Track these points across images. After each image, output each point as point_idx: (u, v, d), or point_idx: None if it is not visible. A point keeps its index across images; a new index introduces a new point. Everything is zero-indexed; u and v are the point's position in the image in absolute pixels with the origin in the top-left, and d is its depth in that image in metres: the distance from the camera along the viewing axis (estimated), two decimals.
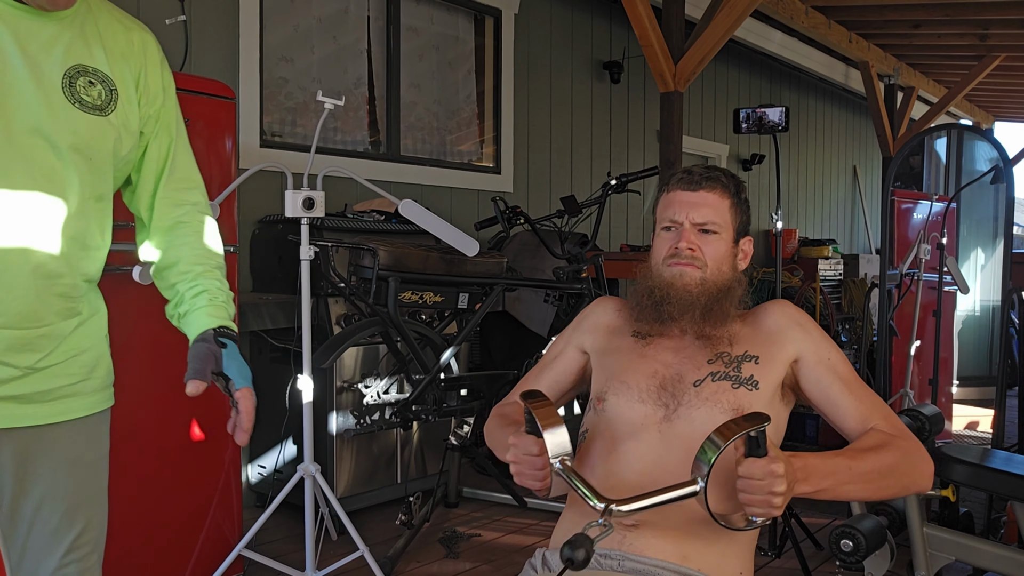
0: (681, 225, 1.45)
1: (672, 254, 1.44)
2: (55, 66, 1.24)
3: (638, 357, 1.45)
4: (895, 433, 1.34)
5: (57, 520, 1.32)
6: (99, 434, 1.41)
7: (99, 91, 1.28)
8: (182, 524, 2.59)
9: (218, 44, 3.51)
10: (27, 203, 1.21)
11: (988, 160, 4.89)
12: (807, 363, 1.42)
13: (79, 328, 1.34)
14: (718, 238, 1.45)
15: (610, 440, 1.39)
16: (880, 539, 2.28)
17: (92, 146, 1.28)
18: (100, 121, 1.28)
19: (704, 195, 1.45)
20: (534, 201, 5.14)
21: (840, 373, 1.42)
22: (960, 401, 5.70)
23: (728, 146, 6.99)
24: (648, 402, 1.38)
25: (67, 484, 1.33)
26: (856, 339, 5.98)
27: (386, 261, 2.85)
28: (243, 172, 2.59)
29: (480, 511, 3.47)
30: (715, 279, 1.43)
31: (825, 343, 1.45)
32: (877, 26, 6.43)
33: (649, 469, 1.33)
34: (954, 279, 3.83)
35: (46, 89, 1.22)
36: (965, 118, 9.66)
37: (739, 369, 1.39)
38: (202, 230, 1.46)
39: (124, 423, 2.46)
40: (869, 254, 7.57)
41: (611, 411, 1.41)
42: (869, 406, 1.39)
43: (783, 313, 1.47)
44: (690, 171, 1.48)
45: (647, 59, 4.10)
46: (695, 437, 1.28)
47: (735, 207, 1.48)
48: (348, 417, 3.19)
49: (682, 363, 1.42)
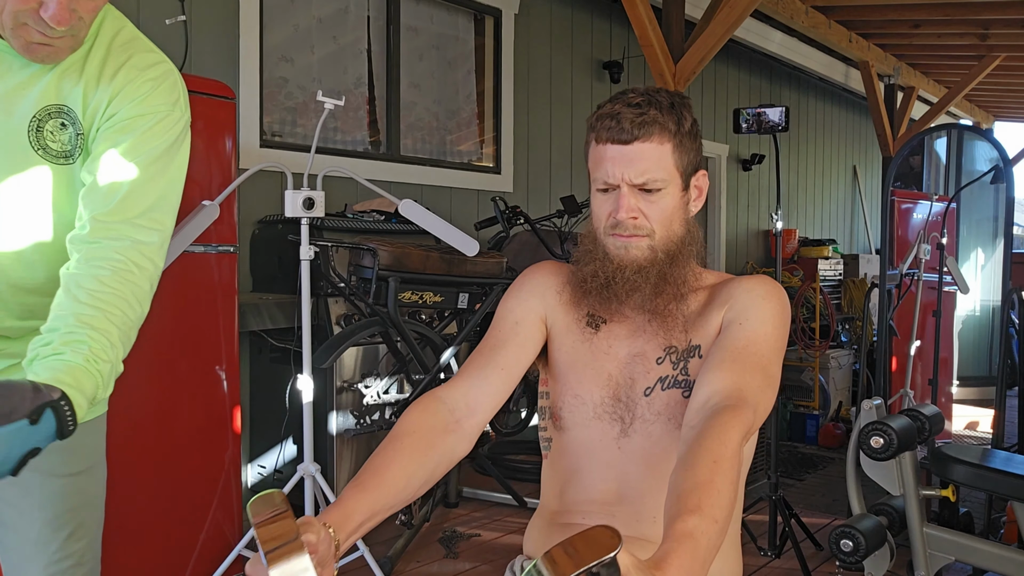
0: (617, 188, 1.23)
1: (613, 224, 1.25)
2: (26, 108, 1.17)
3: (590, 354, 1.31)
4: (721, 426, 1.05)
5: (38, 529, 1.28)
6: (93, 441, 1.36)
7: (69, 136, 1.20)
8: (182, 524, 2.59)
9: (218, 44, 3.51)
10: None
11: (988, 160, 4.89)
12: (723, 324, 1.24)
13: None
14: (663, 194, 1.24)
15: (573, 459, 1.32)
16: (880, 539, 2.28)
17: (56, 193, 1.21)
18: (62, 169, 1.21)
19: (639, 147, 1.21)
20: (534, 201, 5.14)
21: (740, 339, 1.19)
22: (960, 401, 5.70)
23: (728, 146, 6.99)
24: (604, 418, 1.29)
25: (47, 496, 1.29)
26: (856, 339, 5.99)
27: (386, 261, 2.85)
28: (243, 172, 2.59)
29: (480, 511, 3.47)
30: (665, 244, 1.26)
31: (761, 315, 1.22)
32: (877, 26, 6.43)
33: (613, 488, 1.28)
34: (954, 279, 3.83)
35: (11, 133, 1.17)
36: (965, 118, 9.66)
37: (686, 371, 1.26)
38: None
39: (124, 423, 2.46)
40: (869, 254, 7.57)
41: (568, 429, 1.32)
42: (731, 380, 1.13)
43: (746, 288, 1.26)
44: (618, 117, 1.21)
45: (647, 59, 4.10)
46: (656, 451, 1.25)
47: (680, 147, 1.24)
48: (348, 417, 3.19)
49: (634, 362, 1.29)
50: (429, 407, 1.21)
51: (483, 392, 1.25)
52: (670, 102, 1.24)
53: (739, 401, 1.10)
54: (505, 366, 1.28)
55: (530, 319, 1.33)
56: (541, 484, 1.41)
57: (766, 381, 1.17)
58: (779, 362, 1.23)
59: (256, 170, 2.60)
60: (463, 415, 1.23)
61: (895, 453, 2.22)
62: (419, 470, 1.12)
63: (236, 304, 2.70)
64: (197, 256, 2.58)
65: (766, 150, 7.28)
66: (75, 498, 1.33)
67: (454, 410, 1.22)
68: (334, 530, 0.96)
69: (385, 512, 1.06)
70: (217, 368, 2.71)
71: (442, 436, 1.19)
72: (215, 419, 2.67)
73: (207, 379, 2.69)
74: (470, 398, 1.24)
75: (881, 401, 2.35)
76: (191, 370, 2.65)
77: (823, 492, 3.98)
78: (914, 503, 2.36)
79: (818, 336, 5.64)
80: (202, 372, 2.69)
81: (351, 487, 1.05)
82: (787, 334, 1.26)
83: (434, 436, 1.18)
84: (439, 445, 1.18)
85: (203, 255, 2.59)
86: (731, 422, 1.05)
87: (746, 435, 1.07)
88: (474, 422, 1.23)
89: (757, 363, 1.18)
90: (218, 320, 2.68)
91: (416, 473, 1.12)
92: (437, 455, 1.17)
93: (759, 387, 1.15)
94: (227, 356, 2.73)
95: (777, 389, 1.21)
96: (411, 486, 1.11)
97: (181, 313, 2.60)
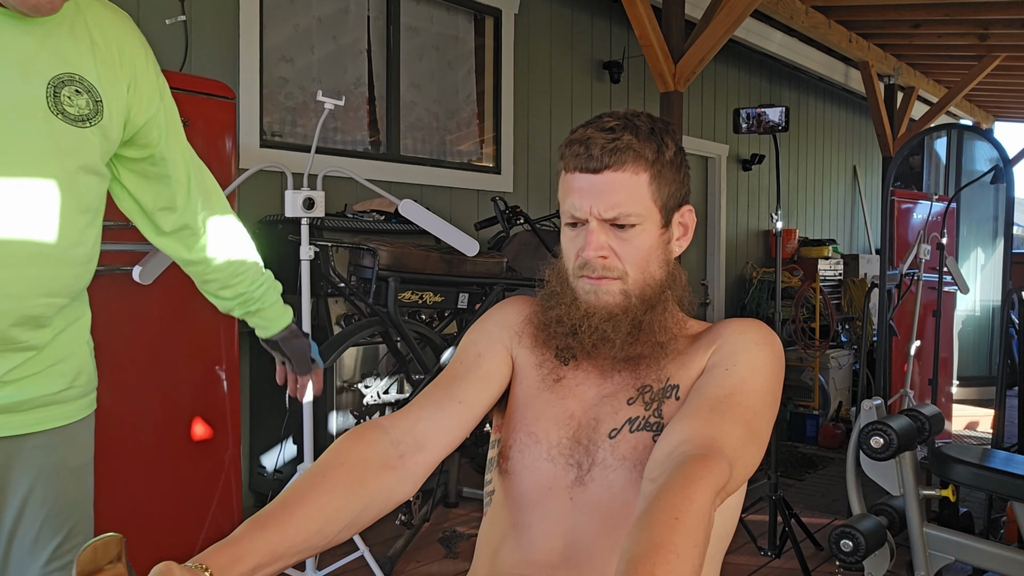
0: (586, 223, 1.07)
1: (581, 264, 1.09)
2: (39, 75, 1.19)
3: (552, 394, 1.13)
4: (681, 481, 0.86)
5: (37, 529, 1.29)
6: (83, 441, 1.37)
7: (85, 101, 1.23)
8: (182, 524, 2.59)
9: (218, 44, 3.51)
10: (6, 220, 1.17)
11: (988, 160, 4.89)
12: (707, 368, 1.08)
13: (57, 338, 1.29)
14: (639, 231, 1.07)
15: (515, 511, 1.12)
16: (880, 539, 2.28)
17: (75, 159, 1.23)
18: (84, 133, 1.23)
19: (610, 178, 1.05)
20: (534, 201, 5.14)
21: (724, 386, 1.03)
22: (960, 401, 5.71)
23: (728, 146, 6.99)
24: (558, 461, 1.10)
25: (47, 493, 1.30)
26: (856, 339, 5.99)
27: (386, 261, 2.85)
28: (243, 172, 2.59)
29: (480, 511, 3.46)
30: (641, 288, 1.09)
31: (753, 362, 1.06)
32: (877, 26, 6.43)
33: (559, 546, 1.07)
34: (954, 279, 3.83)
35: (29, 100, 1.18)
36: (965, 118, 9.66)
37: (659, 413, 1.08)
38: (240, 228, 1.56)
39: (124, 423, 2.47)
40: (869, 254, 7.57)
41: (515, 472, 1.13)
42: (706, 429, 0.96)
43: (739, 330, 1.10)
44: (588, 143, 1.06)
45: (647, 59, 4.11)
46: (614, 506, 1.05)
47: (658, 178, 1.08)
48: (348, 417, 3.19)
49: (602, 403, 1.11)
50: (367, 436, 1.02)
51: (436, 426, 1.07)
52: (650, 127, 1.08)
53: (712, 451, 0.91)
54: (464, 399, 1.11)
55: (495, 351, 1.17)
56: (476, 547, 1.21)
57: (749, 435, 0.99)
58: (768, 420, 1.05)
59: (256, 170, 2.60)
60: (408, 450, 1.04)
61: (895, 453, 2.22)
62: (341, 511, 0.93)
63: None
64: None
65: (766, 150, 7.28)
66: (71, 497, 1.34)
67: (398, 443, 1.04)
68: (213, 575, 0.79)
69: (291, 557, 0.88)
70: (217, 368, 2.71)
71: (378, 473, 0.99)
72: (215, 419, 2.67)
73: (207, 379, 2.70)
74: (419, 431, 1.05)
75: (881, 401, 2.35)
76: (191, 370, 2.65)
77: (823, 492, 3.98)
78: (914, 503, 2.36)
79: (818, 336, 5.64)
80: (202, 372, 2.69)
81: (250, 523, 0.87)
82: (780, 390, 1.09)
83: (368, 472, 0.98)
84: (372, 483, 0.98)
85: None
86: (699, 474, 0.86)
87: (719, 492, 0.88)
88: (420, 459, 1.04)
89: (741, 415, 1.00)
90: (218, 320, 2.68)
91: (337, 514, 0.93)
92: (368, 495, 0.97)
93: (739, 441, 0.97)
94: (227, 356, 2.73)
95: (764, 449, 1.03)
96: (328, 530, 0.92)
97: (181, 313, 2.60)
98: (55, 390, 1.29)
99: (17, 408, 1.25)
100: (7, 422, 1.25)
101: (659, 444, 0.97)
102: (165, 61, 3.29)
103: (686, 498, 0.83)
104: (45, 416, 1.29)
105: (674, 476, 0.86)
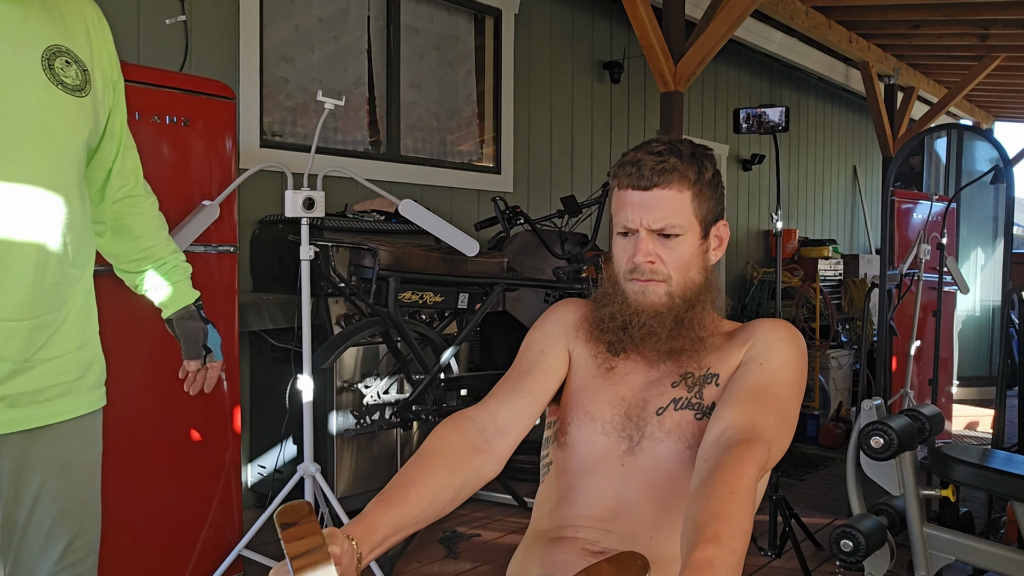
0: (636, 233, 1.27)
1: (631, 268, 1.28)
2: (32, 48, 1.21)
3: (605, 380, 1.33)
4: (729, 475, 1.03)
5: (49, 526, 1.30)
6: (93, 435, 1.39)
7: (75, 71, 1.27)
8: (182, 524, 2.59)
9: (218, 44, 3.51)
10: (18, 193, 1.20)
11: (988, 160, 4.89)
12: (743, 362, 1.27)
13: (71, 320, 1.31)
14: (682, 240, 1.27)
15: (571, 475, 1.32)
16: (880, 539, 2.28)
17: (77, 128, 1.27)
18: (82, 102, 1.27)
19: (659, 194, 1.24)
20: (534, 201, 5.14)
21: (759, 378, 1.22)
22: (960, 401, 5.71)
23: (728, 146, 6.99)
24: (612, 434, 1.29)
25: (59, 489, 1.31)
26: (856, 339, 5.98)
27: (386, 261, 2.85)
28: (243, 172, 2.59)
29: (480, 511, 3.47)
30: (683, 290, 1.28)
31: (782, 358, 1.24)
32: (877, 26, 6.43)
33: (610, 505, 1.26)
34: (954, 279, 3.83)
35: (28, 73, 1.20)
36: (965, 118, 9.66)
37: (701, 395, 1.27)
38: (154, 205, 1.53)
39: (124, 423, 2.46)
40: (869, 254, 7.57)
41: (573, 444, 1.32)
42: (747, 416, 1.15)
43: (769, 328, 1.29)
44: (639, 164, 1.25)
45: (647, 59, 4.11)
46: (659, 473, 1.24)
47: (699, 196, 1.27)
48: (348, 417, 3.19)
49: (649, 387, 1.30)
50: (458, 426, 1.23)
51: (512, 414, 1.26)
52: (691, 152, 1.28)
53: (754, 436, 1.11)
54: (533, 391, 1.30)
55: (555, 348, 1.37)
56: (533, 508, 1.41)
57: (781, 423, 1.18)
58: (796, 408, 1.24)
59: (256, 170, 2.60)
60: (492, 436, 1.24)
61: (895, 453, 2.22)
62: (445, 489, 1.13)
63: (236, 304, 2.69)
64: (197, 256, 2.57)
65: (766, 150, 7.28)
66: (81, 493, 1.35)
67: (483, 430, 1.24)
68: (357, 543, 0.97)
69: (409, 528, 1.07)
70: None
71: (470, 456, 1.20)
72: (215, 419, 2.66)
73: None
74: (500, 419, 1.25)
75: (881, 401, 2.35)
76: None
77: (823, 492, 3.98)
78: (914, 503, 2.36)
79: (818, 336, 5.64)
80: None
81: (376, 501, 1.06)
82: (805, 382, 1.27)
83: (462, 456, 1.18)
84: (467, 465, 1.18)
85: (203, 255, 2.59)
86: (746, 456, 1.06)
87: (760, 471, 1.07)
88: (504, 444, 1.24)
89: (773, 403, 1.19)
90: (218, 320, 2.67)
91: (442, 492, 1.12)
92: (464, 475, 1.17)
93: (774, 426, 1.16)
94: (227, 356, 2.73)
95: (792, 433, 1.22)
96: (436, 505, 1.11)
97: None
98: (72, 378, 1.31)
99: (36, 398, 1.27)
100: (28, 415, 1.26)
101: (708, 430, 1.16)
102: (165, 61, 3.29)
103: (737, 475, 1.02)
104: (60, 407, 1.31)
105: (726, 458, 1.06)
